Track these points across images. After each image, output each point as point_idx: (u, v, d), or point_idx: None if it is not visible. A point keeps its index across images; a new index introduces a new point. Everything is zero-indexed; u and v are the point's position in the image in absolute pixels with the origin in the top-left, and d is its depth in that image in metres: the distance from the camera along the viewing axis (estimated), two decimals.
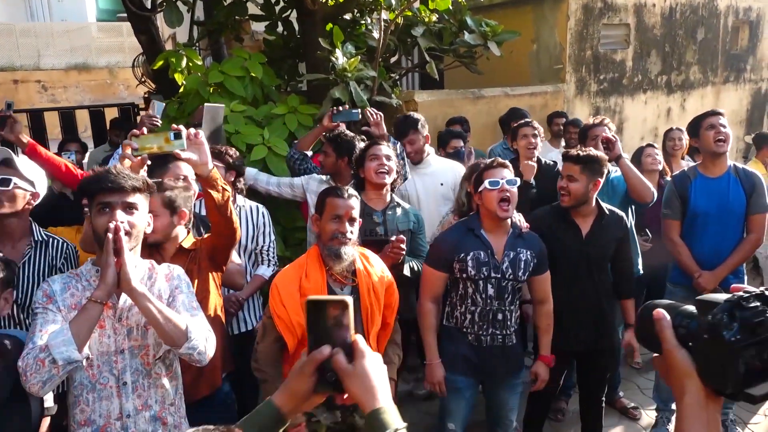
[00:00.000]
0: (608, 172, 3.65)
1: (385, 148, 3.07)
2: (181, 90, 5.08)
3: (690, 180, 3.40)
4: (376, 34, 5.44)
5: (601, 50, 6.37)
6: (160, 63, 5.34)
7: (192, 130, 2.15)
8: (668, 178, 4.05)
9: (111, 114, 7.19)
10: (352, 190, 2.40)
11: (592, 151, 3.03)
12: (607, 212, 3.04)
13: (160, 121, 3.95)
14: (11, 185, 2.38)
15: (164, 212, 2.30)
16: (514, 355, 2.82)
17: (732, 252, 3.31)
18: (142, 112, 6.49)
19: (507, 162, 2.83)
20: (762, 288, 0.85)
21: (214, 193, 2.23)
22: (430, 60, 5.38)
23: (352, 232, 2.32)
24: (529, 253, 2.75)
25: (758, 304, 0.83)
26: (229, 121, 4.76)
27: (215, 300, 2.48)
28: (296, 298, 2.23)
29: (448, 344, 2.81)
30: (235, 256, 2.80)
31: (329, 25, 5.82)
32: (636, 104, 6.75)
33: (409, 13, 5.62)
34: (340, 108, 3.96)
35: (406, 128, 3.93)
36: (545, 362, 2.90)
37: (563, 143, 5.29)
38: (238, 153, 3.32)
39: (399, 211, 3.12)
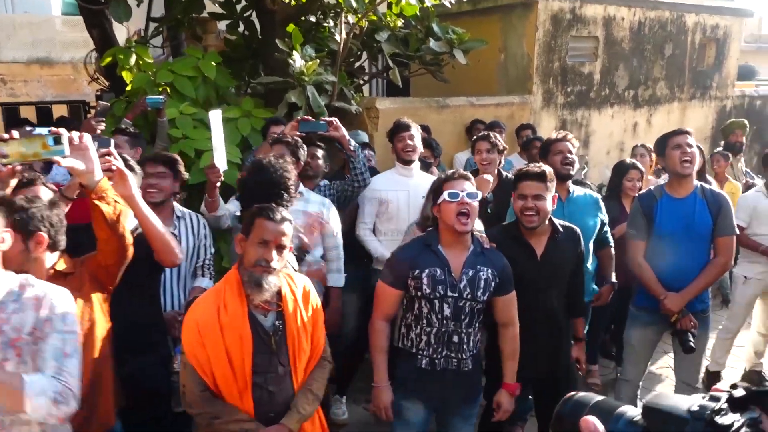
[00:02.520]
0: (572, 191, 3.53)
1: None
2: (128, 89, 4.80)
3: (656, 199, 3.28)
4: (338, 38, 5.24)
5: (569, 62, 6.27)
6: (108, 60, 5.05)
7: (75, 134, 1.89)
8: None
9: (61, 111, 6.85)
10: (286, 213, 2.18)
11: (546, 167, 2.89)
12: (561, 229, 2.88)
13: (104, 125, 3.71)
14: None
15: (15, 237, 1.92)
16: (469, 382, 2.63)
17: (699, 274, 3.21)
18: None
19: (469, 174, 2.66)
20: (730, 388, 0.64)
21: (104, 207, 1.97)
22: (393, 66, 5.20)
23: (279, 261, 2.10)
24: (490, 271, 2.58)
25: (737, 417, 0.63)
26: (177, 125, 4.51)
27: (102, 328, 2.22)
28: (216, 335, 2.00)
29: (401, 367, 2.62)
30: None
31: (291, 26, 5.62)
32: (603, 118, 6.67)
33: (374, 18, 5.43)
34: (308, 117, 3.75)
35: (406, 128, 3.77)
36: (509, 391, 2.72)
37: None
38: (177, 157, 3.09)
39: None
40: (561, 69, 6.22)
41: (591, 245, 3.51)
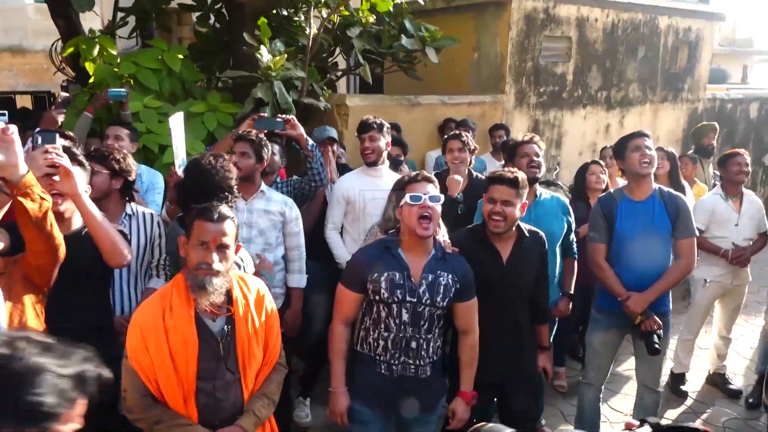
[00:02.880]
0: (539, 194, 3.50)
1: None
2: (91, 80, 4.67)
3: (616, 202, 3.29)
4: (311, 33, 5.16)
5: (542, 62, 6.27)
6: (71, 50, 4.91)
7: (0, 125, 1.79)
8: None
9: (24, 102, 6.66)
10: (227, 211, 2.10)
11: (519, 173, 2.84)
12: (527, 234, 2.86)
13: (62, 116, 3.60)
14: None
15: None
16: (428, 390, 2.57)
17: (662, 276, 3.22)
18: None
19: (432, 177, 2.60)
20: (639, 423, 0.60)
21: (29, 204, 1.84)
22: (364, 63, 5.13)
23: (222, 262, 2.02)
24: (450, 277, 2.52)
25: None
26: (141, 118, 4.39)
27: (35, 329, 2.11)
28: (160, 338, 1.93)
29: (359, 372, 2.57)
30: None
31: (262, 19, 5.51)
32: (575, 119, 6.68)
33: (347, 13, 5.36)
34: (264, 114, 3.67)
35: (368, 128, 3.68)
36: (465, 399, 2.67)
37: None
38: (125, 153, 2.97)
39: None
40: (534, 69, 6.20)
41: (558, 250, 3.49)
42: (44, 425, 1.10)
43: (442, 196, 2.54)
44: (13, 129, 1.80)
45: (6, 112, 3.54)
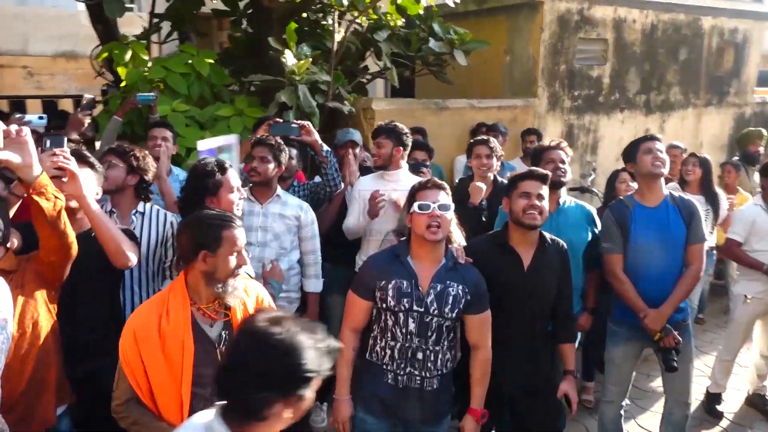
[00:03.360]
0: (563, 202, 3.38)
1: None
2: (122, 84, 4.78)
3: (629, 209, 3.18)
4: (338, 37, 5.16)
5: (576, 65, 6.10)
6: (105, 55, 5.05)
7: (14, 127, 1.84)
8: None
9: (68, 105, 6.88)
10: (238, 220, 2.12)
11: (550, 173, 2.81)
12: (550, 241, 2.76)
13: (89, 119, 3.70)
14: None
15: None
16: (433, 403, 2.50)
17: (675, 287, 3.12)
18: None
19: (444, 183, 2.55)
20: None
21: (43, 203, 1.91)
22: (390, 66, 5.10)
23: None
24: (460, 287, 2.45)
25: None
26: (170, 122, 4.46)
27: (46, 327, 2.19)
28: (155, 343, 1.93)
29: (366, 380, 2.53)
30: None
31: (293, 24, 5.54)
32: (612, 123, 6.48)
33: (375, 17, 5.33)
34: (279, 120, 3.68)
35: (376, 134, 3.67)
36: (475, 417, 2.58)
37: None
38: (145, 153, 3.02)
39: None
40: (568, 72, 6.05)
41: (581, 261, 3.35)
42: (302, 391, 1.38)
43: (452, 205, 2.48)
44: (26, 131, 1.87)
45: (45, 115, 3.65)
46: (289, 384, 1.37)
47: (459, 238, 3.00)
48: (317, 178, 3.83)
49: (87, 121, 3.84)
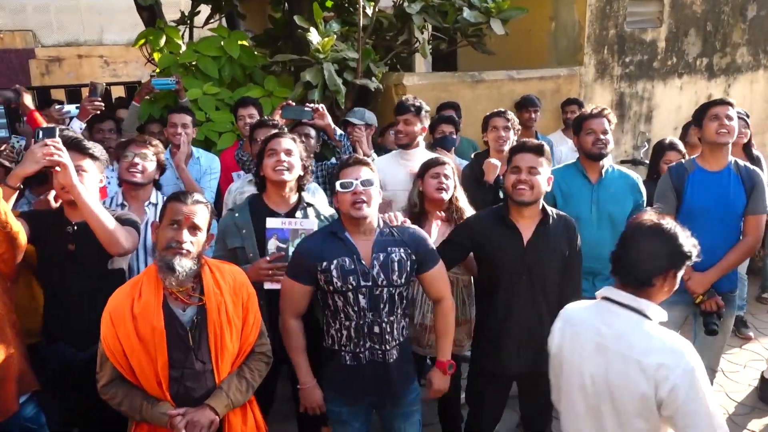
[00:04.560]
0: (604, 173, 3.20)
1: (286, 141, 2.66)
2: (157, 70, 4.89)
3: (687, 173, 3.13)
4: (369, 11, 5.05)
5: (627, 29, 5.70)
6: (142, 41, 5.18)
7: None
8: None
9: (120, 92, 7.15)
10: (201, 197, 2.10)
11: (544, 144, 2.64)
12: (554, 216, 2.62)
13: (102, 104, 3.76)
14: None
15: None
16: (398, 373, 2.44)
17: (726, 254, 3.06)
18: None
19: (367, 159, 2.47)
20: None
21: None
22: (420, 39, 4.94)
23: (192, 243, 2.02)
24: (402, 251, 2.38)
25: None
26: (200, 105, 4.54)
27: (3, 317, 2.24)
28: (128, 325, 1.96)
29: (327, 366, 2.46)
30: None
31: (328, 3, 5.48)
32: (669, 90, 6.04)
33: None
34: (291, 103, 3.64)
35: (404, 111, 3.57)
36: (441, 369, 2.54)
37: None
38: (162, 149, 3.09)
39: (311, 212, 2.76)
40: (618, 37, 5.67)
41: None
42: (679, 267, 1.82)
43: (374, 180, 2.37)
44: None
45: (64, 103, 3.77)
46: (671, 260, 1.82)
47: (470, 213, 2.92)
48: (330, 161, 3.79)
49: (100, 108, 3.86)
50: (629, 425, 1.76)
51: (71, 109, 3.91)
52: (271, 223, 2.57)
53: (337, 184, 2.33)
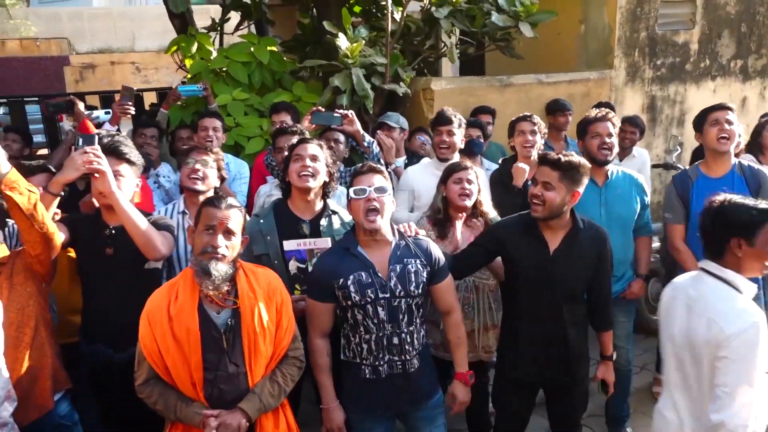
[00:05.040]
0: (611, 175, 3.18)
1: (312, 147, 2.67)
2: (188, 76, 4.97)
3: (691, 181, 3.16)
4: (397, 16, 5.07)
5: (659, 31, 5.63)
6: (174, 48, 5.27)
7: None
8: None
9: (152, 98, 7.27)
10: (234, 201, 2.13)
11: (574, 158, 2.57)
12: (583, 226, 2.57)
13: (132, 108, 3.85)
14: None
15: None
16: (420, 382, 2.43)
17: None
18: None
19: (380, 167, 2.44)
20: None
21: (17, 197, 2.04)
22: (447, 43, 4.94)
23: (228, 247, 2.04)
24: (418, 261, 2.38)
25: None
26: (230, 111, 4.60)
27: (38, 315, 2.31)
28: (164, 326, 2.00)
29: (346, 380, 2.46)
30: None
31: (357, 8, 5.51)
32: (702, 93, 5.93)
33: None
34: (321, 109, 3.67)
35: (447, 122, 3.55)
36: (462, 380, 2.53)
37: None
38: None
39: (336, 220, 2.75)
40: (649, 39, 5.59)
41: (632, 233, 3.27)
42: (746, 237, 2.01)
43: (389, 188, 2.37)
44: None
45: (97, 108, 3.88)
46: (733, 229, 2.02)
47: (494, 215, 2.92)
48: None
49: (131, 111, 3.94)
50: (704, 373, 2.01)
51: (100, 114, 4.04)
52: (288, 245, 2.59)
53: (351, 191, 2.33)
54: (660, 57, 5.68)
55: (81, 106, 3.76)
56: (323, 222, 2.70)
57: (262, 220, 2.68)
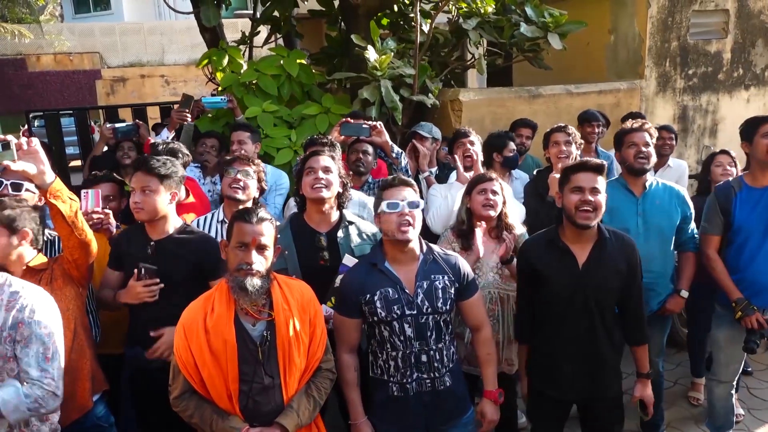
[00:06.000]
0: (648, 186, 3.13)
1: (325, 159, 2.66)
2: (219, 89, 5.04)
3: (734, 192, 3.04)
4: (426, 28, 5.08)
5: (690, 41, 5.55)
6: (205, 62, 5.35)
7: (23, 139, 2.03)
8: None
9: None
10: (264, 214, 2.13)
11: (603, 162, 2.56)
12: (610, 236, 2.51)
13: (189, 116, 3.97)
14: None
15: (2, 232, 2.21)
16: (450, 400, 2.39)
17: None
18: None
19: (410, 180, 2.42)
20: None
21: (60, 205, 2.14)
22: (477, 55, 4.94)
23: (261, 263, 2.05)
24: (446, 278, 2.34)
25: None
26: (259, 122, 4.64)
27: (77, 319, 2.37)
28: (201, 339, 2.01)
29: (375, 397, 2.43)
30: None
31: (384, 20, 5.54)
32: (735, 102, 5.83)
33: (465, 5, 5.19)
34: (350, 120, 3.69)
35: (463, 136, 3.65)
36: (491, 399, 2.48)
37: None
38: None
39: (353, 230, 2.73)
40: (680, 49, 5.52)
41: (671, 246, 3.20)
42: None
43: (421, 202, 2.35)
44: (36, 141, 2.05)
45: (133, 123, 4.03)
46: None
47: (520, 230, 2.89)
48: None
49: (188, 118, 4.06)
50: None
51: (122, 126, 4.31)
52: (347, 261, 2.59)
53: (383, 204, 2.30)
54: (692, 66, 5.60)
55: (144, 129, 4.13)
56: (340, 233, 2.69)
57: (279, 235, 2.68)
